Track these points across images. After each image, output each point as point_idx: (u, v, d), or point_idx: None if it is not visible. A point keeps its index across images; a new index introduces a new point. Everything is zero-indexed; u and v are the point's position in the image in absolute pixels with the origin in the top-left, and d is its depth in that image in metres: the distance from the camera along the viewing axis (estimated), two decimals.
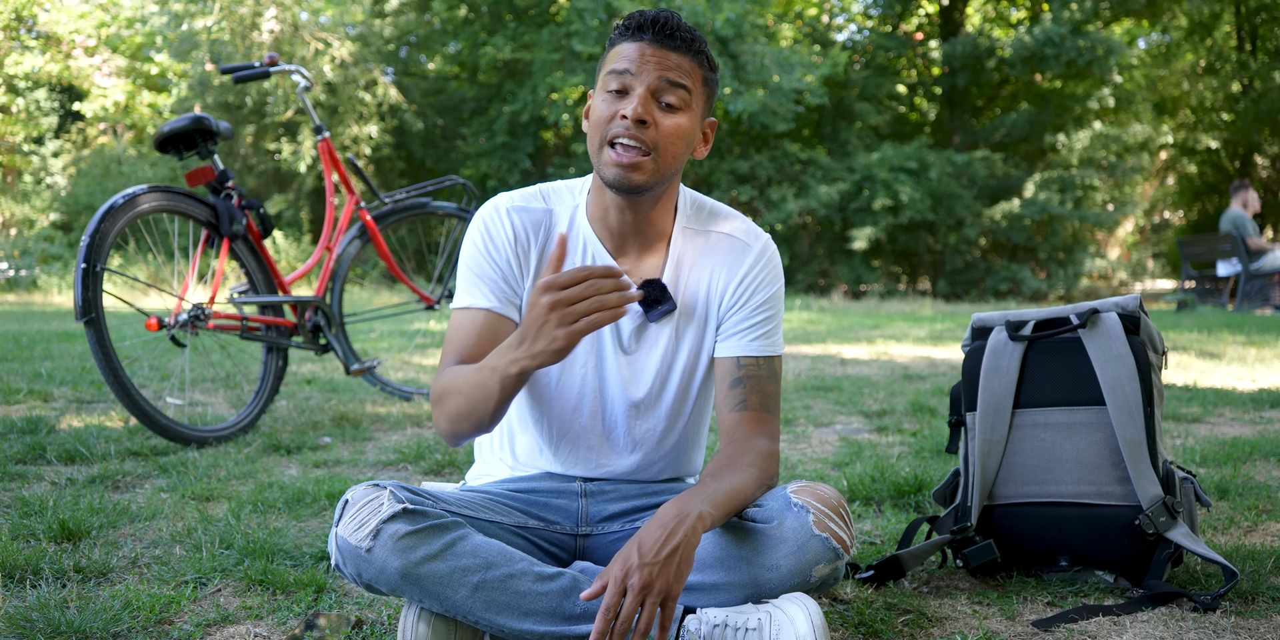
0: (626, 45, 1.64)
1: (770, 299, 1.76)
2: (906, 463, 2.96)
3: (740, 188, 15.48)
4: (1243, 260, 10.18)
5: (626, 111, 1.61)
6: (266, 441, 3.29)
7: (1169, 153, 19.96)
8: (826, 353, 6.32)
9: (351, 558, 1.52)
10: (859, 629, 1.74)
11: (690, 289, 1.76)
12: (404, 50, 17.35)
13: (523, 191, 1.78)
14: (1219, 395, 4.22)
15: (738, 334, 1.74)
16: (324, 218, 6.32)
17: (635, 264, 1.75)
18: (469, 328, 1.70)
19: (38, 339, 6.28)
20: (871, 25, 19.08)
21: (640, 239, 1.74)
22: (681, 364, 1.76)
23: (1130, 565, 1.91)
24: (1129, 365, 1.92)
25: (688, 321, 1.76)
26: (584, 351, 1.75)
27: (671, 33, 1.64)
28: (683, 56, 1.64)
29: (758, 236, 1.78)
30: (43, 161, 17.35)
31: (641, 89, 1.62)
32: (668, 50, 1.63)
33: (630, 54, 1.63)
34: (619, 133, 1.62)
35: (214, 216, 3.41)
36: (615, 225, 1.73)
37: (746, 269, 1.75)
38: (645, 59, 1.62)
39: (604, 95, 1.65)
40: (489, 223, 1.74)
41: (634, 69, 1.62)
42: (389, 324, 7.51)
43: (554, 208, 1.76)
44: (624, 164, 1.62)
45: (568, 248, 1.67)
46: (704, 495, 1.54)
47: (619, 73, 1.63)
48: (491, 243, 1.72)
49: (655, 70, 1.62)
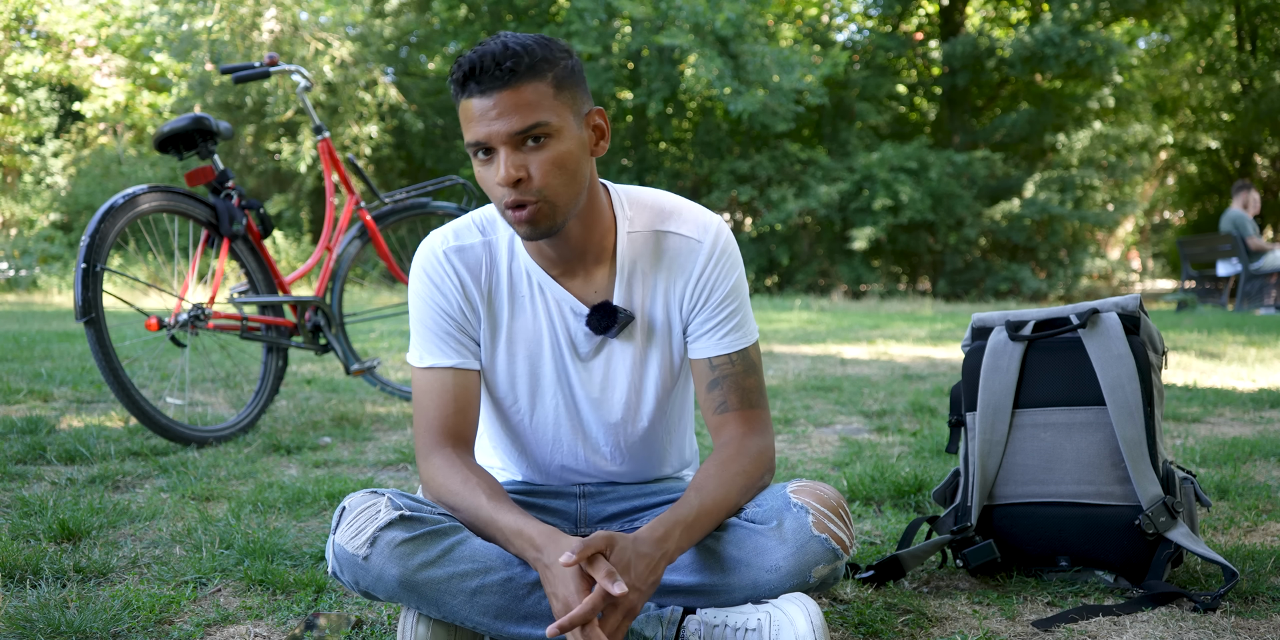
0: (465, 104, 1.53)
1: (731, 291, 1.70)
2: (906, 463, 2.95)
3: (740, 188, 15.49)
4: (1243, 260, 10.18)
5: (499, 178, 1.51)
6: (266, 441, 3.29)
7: (1169, 153, 19.96)
8: (826, 353, 6.32)
9: (349, 565, 1.51)
10: (859, 629, 1.74)
11: (649, 300, 1.70)
12: (404, 50, 17.36)
13: (456, 226, 1.70)
14: (1219, 395, 4.22)
15: (706, 334, 1.70)
16: (324, 218, 6.32)
17: (585, 283, 1.69)
18: (440, 392, 1.66)
19: (38, 339, 6.28)
20: (871, 25, 19.08)
21: (582, 260, 1.67)
22: (655, 378, 1.73)
23: (1130, 565, 1.91)
24: (1129, 365, 1.92)
25: (651, 336, 1.72)
26: (549, 387, 1.72)
27: (488, 75, 1.50)
28: (515, 91, 1.50)
29: (706, 229, 1.69)
30: (43, 161, 17.35)
31: (501, 147, 1.51)
32: (498, 93, 1.50)
33: (471, 115, 1.52)
34: (506, 198, 1.53)
35: (214, 216, 3.41)
36: (553, 254, 1.66)
37: (701, 268, 1.68)
38: (484, 116, 1.50)
39: (477, 162, 1.56)
40: (431, 272, 1.68)
41: (481, 136, 1.51)
42: (389, 324, 7.51)
43: (490, 238, 1.69)
44: (524, 220, 1.55)
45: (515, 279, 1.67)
46: (685, 523, 1.54)
47: (474, 145, 1.53)
48: (440, 294, 1.67)
49: (499, 124, 1.50)
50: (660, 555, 1.49)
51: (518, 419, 1.76)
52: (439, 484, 1.62)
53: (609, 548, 1.45)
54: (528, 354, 1.71)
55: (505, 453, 1.82)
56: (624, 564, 1.45)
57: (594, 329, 1.68)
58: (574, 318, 1.70)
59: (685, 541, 1.54)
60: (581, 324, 1.69)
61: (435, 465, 1.63)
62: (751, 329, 1.73)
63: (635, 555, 1.46)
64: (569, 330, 1.70)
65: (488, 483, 1.60)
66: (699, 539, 1.57)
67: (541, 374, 1.72)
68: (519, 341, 1.71)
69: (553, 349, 1.70)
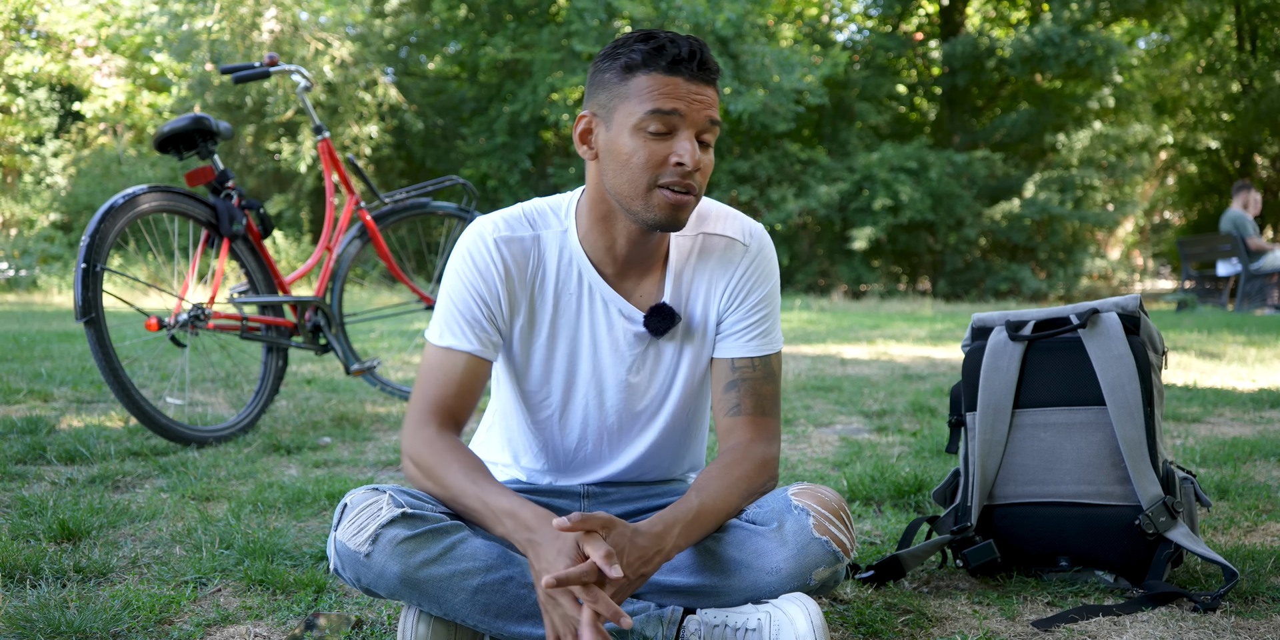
0: (662, 78, 1.53)
1: (766, 297, 1.73)
2: (906, 463, 2.95)
3: (740, 188, 15.48)
4: (1243, 260, 10.18)
5: (684, 159, 1.53)
6: (266, 441, 3.29)
7: (1169, 153, 19.96)
8: (826, 353, 6.32)
9: (350, 563, 1.51)
10: (859, 629, 1.74)
11: (690, 301, 1.72)
12: (404, 50, 17.35)
13: (507, 216, 1.70)
14: (1219, 395, 4.22)
15: (734, 334, 1.72)
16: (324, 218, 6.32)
17: (636, 285, 1.71)
18: (449, 373, 1.65)
19: (38, 339, 6.28)
20: (871, 25, 19.09)
21: (644, 262, 1.70)
22: (683, 376, 1.75)
23: (1130, 565, 1.91)
24: (1129, 365, 1.92)
25: (689, 335, 1.73)
26: (584, 385, 1.72)
27: (707, 65, 1.56)
28: (713, 89, 1.57)
29: (752, 234, 1.73)
30: (43, 161, 17.35)
31: (690, 131, 1.55)
32: (702, 84, 1.55)
33: (672, 92, 1.53)
34: (674, 180, 1.55)
35: (214, 216, 3.41)
36: (623, 254, 1.67)
37: (742, 269, 1.71)
38: (689, 97, 1.54)
39: (643, 135, 1.55)
40: (477, 257, 1.67)
41: (683, 109, 1.53)
42: (389, 324, 7.51)
43: (540, 233, 1.69)
44: (678, 204, 1.56)
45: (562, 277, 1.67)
46: (684, 521, 1.54)
47: (665, 113, 1.53)
48: (481, 279, 1.66)
49: (703, 111, 1.55)
50: (655, 551, 1.49)
51: (546, 414, 1.75)
52: (420, 454, 1.60)
53: (607, 529, 1.44)
54: (568, 351, 1.71)
55: (524, 448, 1.81)
56: (619, 549, 1.45)
57: (652, 331, 1.69)
58: (622, 319, 1.70)
59: (683, 540, 1.54)
60: (630, 326, 1.70)
61: (422, 437, 1.62)
62: (778, 338, 1.75)
63: (631, 544, 1.46)
64: (614, 331, 1.70)
65: (473, 461, 1.59)
66: (697, 539, 1.57)
67: (578, 371, 1.72)
68: (560, 338, 1.71)
69: (593, 348, 1.71)
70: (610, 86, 1.58)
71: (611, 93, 1.58)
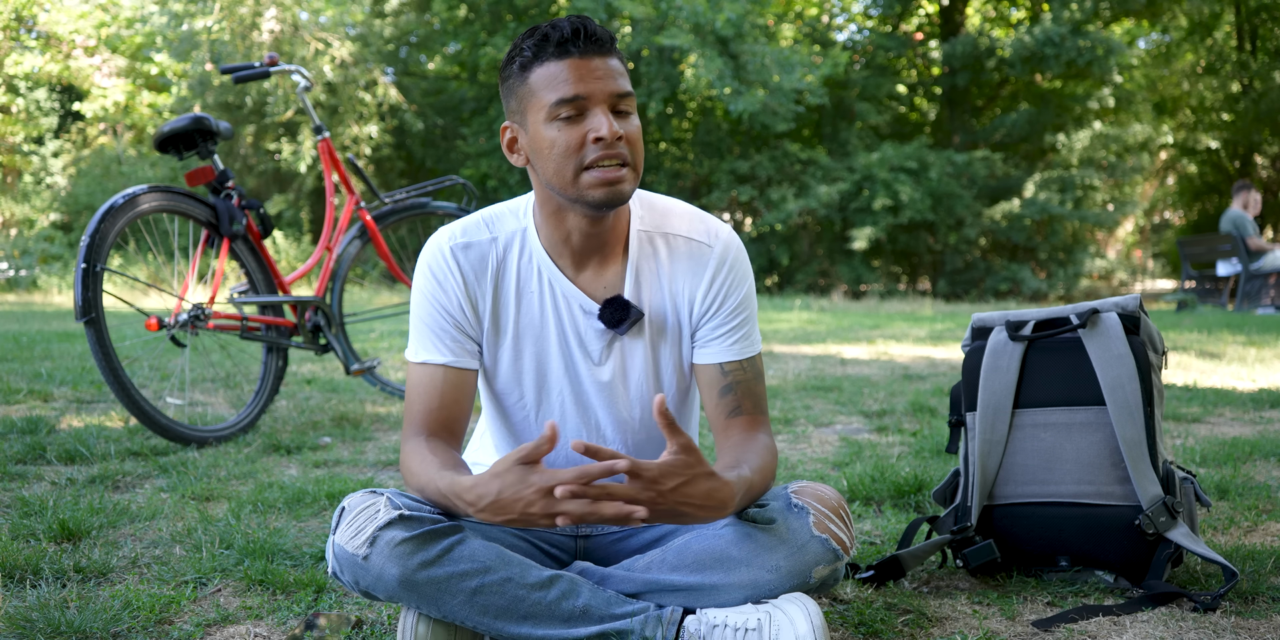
0: (555, 65, 1.54)
1: (743, 300, 1.72)
2: (906, 463, 2.96)
3: (740, 188, 15.49)
4: (1243, 260, 10.18)
5: (601, 133, 1.53)
6: (266, 441, 3.29)
7: (1169, 153, 19.96)
8: (826, 353, 6.32)
9: (349, 565, 1.52)
10: (859, 629, 1.74)
11: (656, 299, 1.72)
12: (404, 50, 17.36)
13: (464, 224, 1.71)
14: (1219, 395, 4.22)
15: (717, 340, 1.72)
16: (324, 218, 6.32)
17: (595, 277, 1.70)
18: (430, 387, 1.66)
19: (38, 339, 6.28)
20: (871, 25, 19.08)
21: (600, 251, 1.69)
22: (669, 377, 1.75)
23: (1130, 565, 1.91)
24: (1129, 365, 1.92)
25: (661, 335, 1.73)
26: (556, 384, 1.72)
27: (595, 36, 1.55)
28: (613, 59, 1.57)
29: (717, 235, 1.72)
30: (43, 161, 17.35)
31: (600, 106, 1.54)
32: (596, 57, 1.55)
33: (567, 76, 1.54)
34: (598, 156, 1.54)
35: (214, 216, 3.41)
36: (579, 245, 1.67)
37: (712, 275, 1.70)
38: (584, 76, 1.54)
39: (556, 124, 1.55)
40: (435, 269, 1.68)
41: (583, 91, 1.53)
42: (389, 324, 7.51)
43: (498, 235, 1.70)
44: (611, 180, 1.56)
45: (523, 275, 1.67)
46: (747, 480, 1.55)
47: (568, 100, 1.53)
48: (441, 291, 1.67)
49: (602, 84, 1.54)
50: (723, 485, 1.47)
51: (521, 416, 1.76)
52: (404, 462, 1.63)
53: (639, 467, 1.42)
54: (535, 351, 1.72)
55: (510, 450, 1.81)
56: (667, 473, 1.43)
57: (606, 323, 1.68)
58: (583, 315, 1.70)
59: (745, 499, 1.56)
60: (591, 321, 1.70)
61: (407, 450, 1.65)
62: (758, 338, 1.76)
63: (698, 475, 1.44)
64: (578, 327, 1.71)
65: (449, 460, 1.59)
66: (746, 506, 1.59)
67: (548, 370, 1.72)
68: (525, 338, 1.72)
69: (560, 345, 1.71)
70: (516, 90, 1.60)
71: (519, 96, 1.60)
